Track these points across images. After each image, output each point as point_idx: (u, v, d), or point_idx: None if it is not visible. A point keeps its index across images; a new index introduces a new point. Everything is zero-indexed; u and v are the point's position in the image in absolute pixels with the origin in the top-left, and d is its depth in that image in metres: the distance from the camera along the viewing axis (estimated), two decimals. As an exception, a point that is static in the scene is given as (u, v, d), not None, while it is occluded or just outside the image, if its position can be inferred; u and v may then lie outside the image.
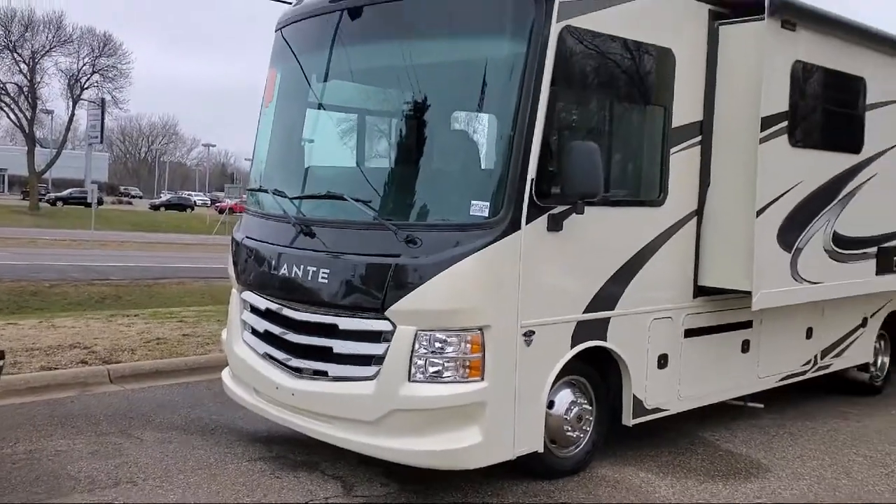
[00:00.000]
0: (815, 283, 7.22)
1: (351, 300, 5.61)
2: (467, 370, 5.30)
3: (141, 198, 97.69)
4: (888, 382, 9.82)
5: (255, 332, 6.43)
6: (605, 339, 6.11)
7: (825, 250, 7.30)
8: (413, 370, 5.31)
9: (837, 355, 8.64)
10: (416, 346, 5.30)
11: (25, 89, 57.71)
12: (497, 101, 5.60)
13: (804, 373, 8.21)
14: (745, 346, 7.39)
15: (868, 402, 9.13)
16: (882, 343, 9.65)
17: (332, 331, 5.69)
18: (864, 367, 9.28)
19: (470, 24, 5.64)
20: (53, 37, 57.38)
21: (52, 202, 66.74)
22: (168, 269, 23.45)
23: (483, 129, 5.77)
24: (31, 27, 56.08)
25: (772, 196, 6.63)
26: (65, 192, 70.32)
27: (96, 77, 59.14)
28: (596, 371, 6.26)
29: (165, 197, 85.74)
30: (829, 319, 8.34)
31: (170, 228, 49.40)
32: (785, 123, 6.67)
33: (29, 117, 59.28)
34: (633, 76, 6.21)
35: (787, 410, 8.51)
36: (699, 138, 6.68)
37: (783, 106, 6.65)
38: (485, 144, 5.72)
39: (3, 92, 56.99)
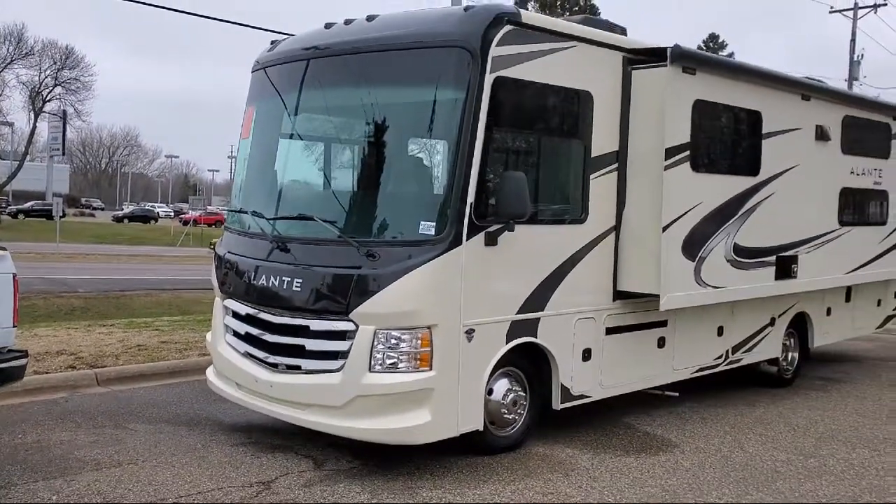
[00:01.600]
0: (718, 287, 8.43)
1: (320, 305, 6.68)
2: (418, 362, 6.40)
3: (103, 209, 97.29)
4: (798, 375, 11.10)
5: (236, 334, 7.47)
6: (535, 335, 7.24)
7: (727, 259, 8.52)
8: (373, 362, 6.40)
9: (747, 351, 9.87)
10: (376, 342, 6.39)
11: (-15, 102, 57.89)
12: (441, 138, 6.74)
13: (716, 366, 9.42)
14: (661, 342, 8.57)
15: (778, 392, 10.38)
16: (792, 340, 10.92)
17: (304, 331, 6.76)
18: (773, 362, 10.54)
19: (421, 75, 6.79)
20: (14, 49, 57.68)
21: (14, 215, 66.58)
22: (134, 280, 24.13)
23: (430, 161, 6.90)
24: (-9, 40, 56.35)
25: (676, 214, 7.83)
26: (27, 205, 70.13)
27: (58, 90, 59.50)
28: (530, 363, 7.38)
29: (129, 209, 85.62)
30: (738, 319, 9.57)
31: (134, 240, 49.77)
32: (687, 153, 7.88)
33: (-11, 130, 59.41)
34: (557, 115, 7.39)
35: (704, 399, 9.72)
36: (616, 166, 7.85)
37: (685, 138, 7.85)
38: (431, 174, 6.84)
39: (-37, 105, 57.10)
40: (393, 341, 6.39)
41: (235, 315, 7.48)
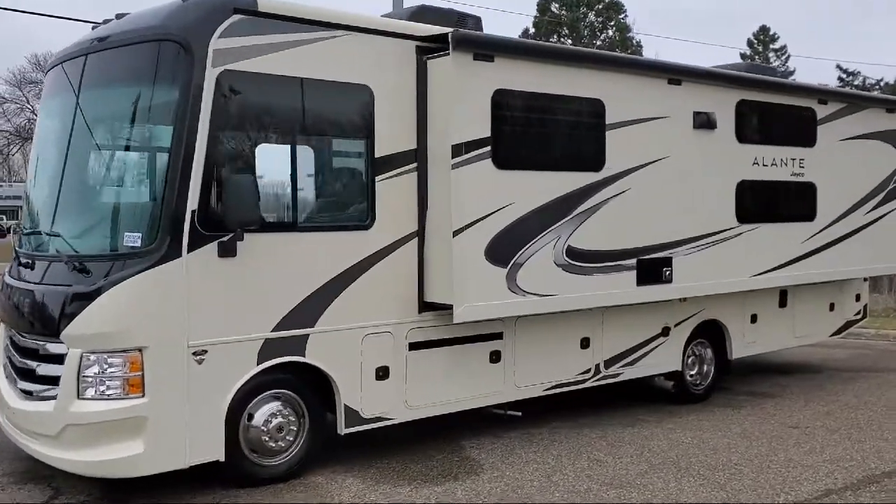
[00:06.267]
0: (545, 295, 7.57)
1: (42, 327, 6.24)
2: (128, 387, 5.86)
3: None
4: (716, 389, 10.05)
5: (7, 359, 7.08)
6: (303, 354, 6.60)
7: (557, 264, 7.64)
8: (81, 388, 5.89)
9: (628, 364, 8.92)
10: (83, 366, 5.88)
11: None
12: (156, 142, 6.24)
13: (582, 381, 8.52)
14: (496, 357, 7.77)
15: (681, 410, 9.31)
16: (704, 351, 9.89)
17: (35, 355, 6.32)
18: (673, 376, 9.53)
19: (135, 73, 6.32)
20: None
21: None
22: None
23: (147, 167, 6.37)
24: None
25: (475, 216, 7.05)
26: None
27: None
28: (307, 385, 6.75)
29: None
30: (610, 329, 8.65)
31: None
32: (488, 148, 7.08)
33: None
34: (320, 112, 6.72)
35: (584, 418, 8.83)
36: (414, 165, 7.14)
37: (484, 132, 7.06)
38: (146, 181, 6.31)
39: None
40: (100, 365, 5.88)
41: (5, 340, 7.11)
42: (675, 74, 8.63)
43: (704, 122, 8.88)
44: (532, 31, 39.49)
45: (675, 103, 8.61)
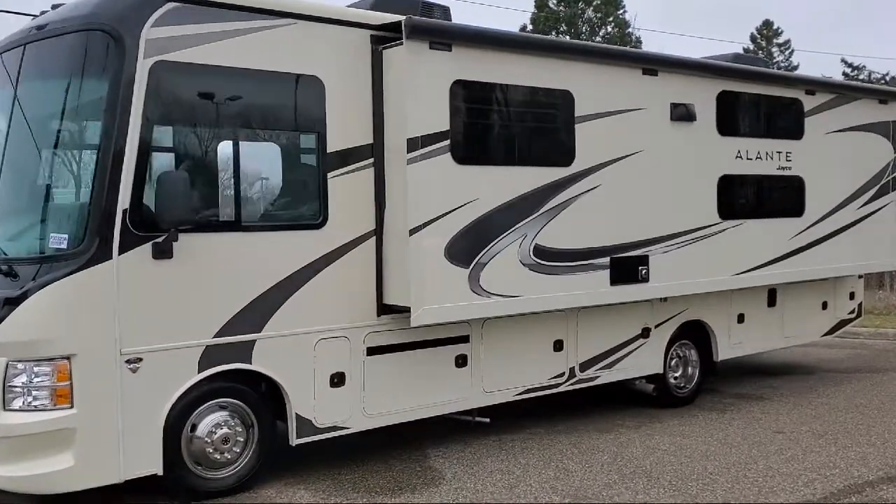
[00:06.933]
0: (510, 296, 7.20)
1: (-29, 334, 5.88)
2: (56, 398, 5.53)
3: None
4: (701, 392, 9.69)
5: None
6: (249, 361, 6.26)
7: (523, 263, 7.27)
8: (8, 399, 5.56)
9: (606, 367, 8.56)
10: (9, 375, 5.55)
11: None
12: (86, 137, 5.90)
13: (555, 386, 8.16)
14: (462, 361, 7.41)
15: (664, 414, 8.94)
16: (688, 352, 9.52)
17: (-33, 363, 5.97)
18: (655, 378, 9.16)
19: (62, 64, 6.00)
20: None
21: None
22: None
23: (77, 164, 6.04)
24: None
25: (434, 214, 6.69)
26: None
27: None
28: (256, 393, 6.41)
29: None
30: (586, 331, 8.29)
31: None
32: (447, 142, 6.72)
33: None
34: (264, 105, 6.38)
35: (557, 425, 8.47)
36: (371, 161, 6.79)
37: (442, 125, 6.70)
38: (74, 179, 5.98)
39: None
40: (27, 375, 5.54)
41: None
42: (650, 64, 8.26)
43: (683, 114, 8.50)
44: (530, 27, 39.04)
45: (651, 94, 8.23)
